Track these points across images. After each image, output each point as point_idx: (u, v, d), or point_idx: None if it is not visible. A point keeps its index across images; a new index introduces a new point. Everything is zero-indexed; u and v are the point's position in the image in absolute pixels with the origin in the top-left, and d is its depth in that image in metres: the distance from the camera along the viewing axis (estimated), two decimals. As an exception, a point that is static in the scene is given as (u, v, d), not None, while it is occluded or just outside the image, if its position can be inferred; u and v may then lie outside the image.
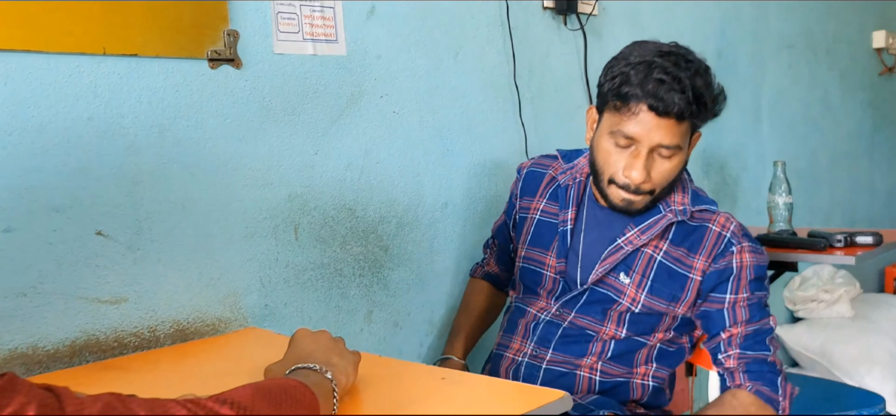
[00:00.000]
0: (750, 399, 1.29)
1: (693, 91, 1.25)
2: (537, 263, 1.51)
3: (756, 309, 1.34)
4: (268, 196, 1.50)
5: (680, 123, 1.27)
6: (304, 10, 1.55)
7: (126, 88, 1.30)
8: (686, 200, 1.39)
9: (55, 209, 1.22)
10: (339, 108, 1.61)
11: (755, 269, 1.35)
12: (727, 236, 1.36)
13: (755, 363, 1.32)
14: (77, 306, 1.25)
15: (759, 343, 1.33)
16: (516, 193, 1.61)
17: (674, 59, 1.27)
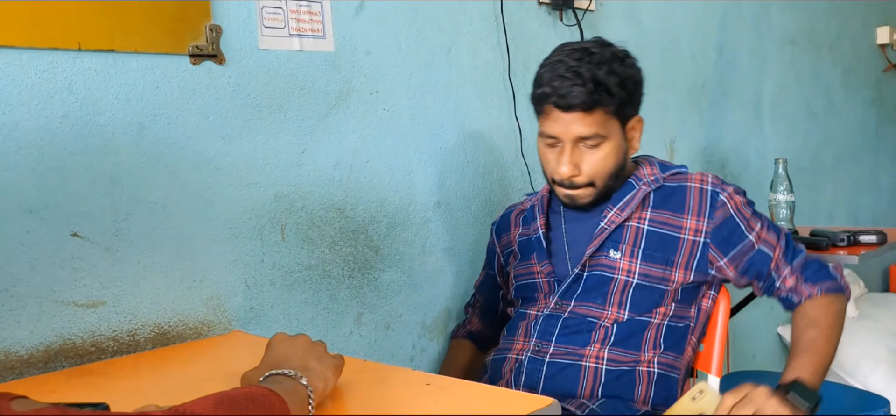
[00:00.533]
0: (825, 301, 1.35)
1: (593, 81, 1.31)
2: (527, 274, 1.53)
3: (772, 229, 1.42)
4: (253, 196, 1.46)
5: (589, 114, 1.33)
6: (291, 4, 1.51)
7: (103, 85, 1.26)
8: (656, 171, 1.44)
9: (29, 210, 1.18)
10: (328, 105, 1.57)
11: (748, 204, 1.42)
12: (710, 190, 1.40)
13: (806, 268, 1.39)
14: (52, 309, 1.21)
15: (796, 251, 1.41)
16: (494, 240, 1.66)
17: (578, 55, 1.34)
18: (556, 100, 1.34)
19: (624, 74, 1.36)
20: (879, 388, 2.70)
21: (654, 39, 2.41)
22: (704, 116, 2.63)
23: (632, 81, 1.38)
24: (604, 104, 1.34)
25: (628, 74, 1.37)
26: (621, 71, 1.36)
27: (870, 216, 3.58)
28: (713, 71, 2.66)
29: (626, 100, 1.37)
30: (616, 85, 1.34)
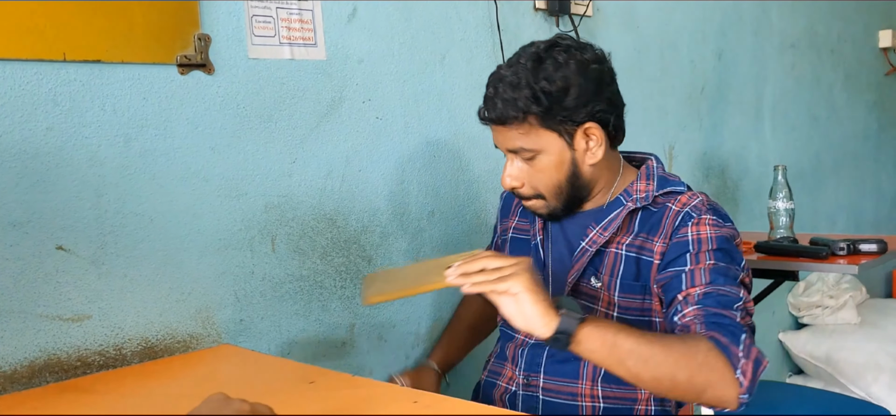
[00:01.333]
0: (705, 348, 1.09)
1: (502, 99, 1.24)
2: None
3: (720, 275, 1.18)
4: (242, 207, 1.44)
5: (512, 127, 1.26)
6: (281, 12, 1.50)
7: (88, 96, 1.24)
8: (650, 187, 1.31)
9: (12, 224, 1.17)
10: (319, 114, 1.55)
11: (718, 240, 1.21)
12: (685, 212, 1.26)
13: (716, 317, 1.13)
14: (37, 324, 1.19)
15: (722, 303, 1.15)
16: (498, 217, 1.58)
17: (507, 66, 1.28)
18: (481, 119, 1.30)
19: (544, 85, 1.22)
20: (882, 396, 2.68)
21: (653, 44, 2.39)
22: (704, 122, 2.61)
23: (556, 88, 1.22)
24: (518, 119, 1.24)
25: (553, 81, 1.22)
26: (540, 84, 1.22)
27: (872, 221, 3.55)
28: (712, 76, 2.64)
29: (548, 109, 1.22)
30: (529, 100, 1.22)
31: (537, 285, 1.06)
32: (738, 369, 1.07)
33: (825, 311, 3.00)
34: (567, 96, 1.23)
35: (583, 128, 1.26)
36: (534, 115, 1.23)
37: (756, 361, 1.09)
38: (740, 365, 1.07)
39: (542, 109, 1.23)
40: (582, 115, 1.25)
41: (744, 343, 1.09)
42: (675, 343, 1.08)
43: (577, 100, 1.23)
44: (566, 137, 1.26)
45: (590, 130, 1.26)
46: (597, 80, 1.26)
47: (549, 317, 1.05)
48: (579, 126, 1.26)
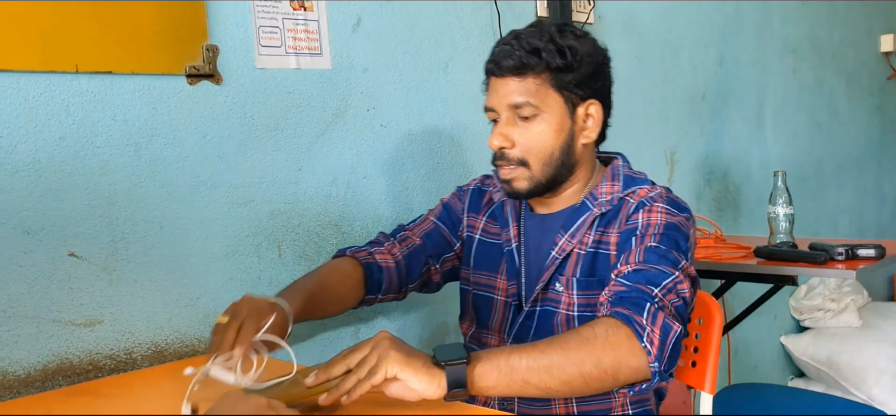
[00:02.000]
0: (606, 323, 1.06)
1: (527, 46, 1.24)
2: (487, 287, 1.41)
3: (653, 254, 1.16)
4: (249, 214, 1.47)
5: (523, 78, 1.25)
6: (288, 23, 1.53)
7: (100, 107, 1.27)
8: (616, 188, 1.31)
9: (26, 232, 1.20)
10: (325, 122, 1.58)
11: (665, 225, 1.20)
12: (640, 201, 1.26)
13: (630, 292, 1.10)
14: (50, 329, 1.23)
15: (647, 279, 1.12)
16: (463, 207, 1.49)
17: (527, 27, 1.29)
18: (492, 67, 1.28)
19: (567, 44, 1.24)
20: (883, 399, 2.70)
21: (654, 50, 2.41)
22: (705, 127, 2.63)
23: (575, 53, 1.25)
24: (535, 70, 1.24)
25: (573, 46, 1.25)
26: (563, 42, 1.25)
27: (874, 225, 3.57)
28: (714, 81, 2.66)
29: (564, 69, 1.24)
30: (553, 52, 1.23)
31: (407, 355, 0.98)
32: (643, 338, 1.04)
33: (827, 314, 3.01)
34: (582, 66, 1.26)
35: (586, 103, 1.28)
36: (550, 71, 1.24)
37: (664, 327, 1.05)
38: (645, 334, 1.04)
39: (562, 64, 1.24)
40: (589, 90, 1.28)
41: (648, 311, 1.06)
42: (572, 338, 1.04)
43: (588, 74, 1.27)
44: (570, 106, 1.27)
45: (591, 107, 1.29)
46: (604, 63, 1.32)
47: (435, 379, 0.98)
48: (583, 101, 1.28)
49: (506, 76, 1.26)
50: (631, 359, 1.03)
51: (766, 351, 3.00)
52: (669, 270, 1.14)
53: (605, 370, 1.03)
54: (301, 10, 1.55)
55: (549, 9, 2.06)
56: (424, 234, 1.47)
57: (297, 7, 1.54)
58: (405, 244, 1.46)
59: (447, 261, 1.49)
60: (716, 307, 1.47)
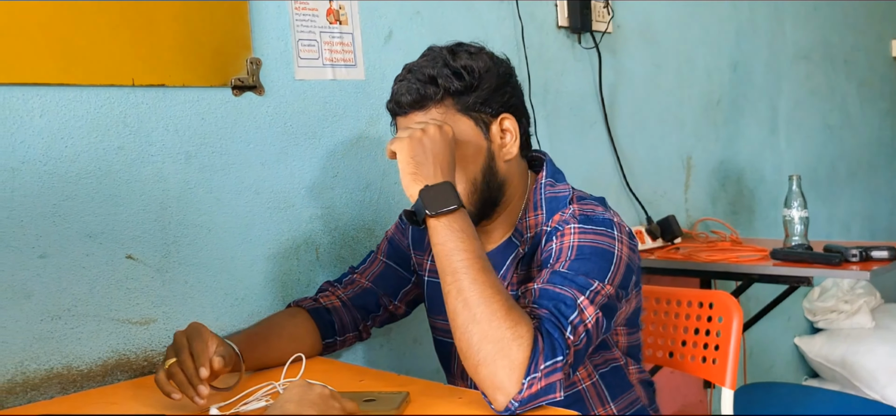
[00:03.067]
0: (523, 332, 1.01)
1: (422, 77, 1.21)
2: (444, 332, 1.36)
3: (559, 277, 1.11)
4: (289, 218, 1.55)
5: (426, 111, 1.21)
6: (324, 36, 1.60)
7: (154, 118, 1.35)
8: (540, 218, 1.26)
9: (88, 235, 1.28)
10: (358, 130, 1.66)
11: (579, 249, 1.14)
12: (553, 229, 1.20)
13: (550, 323, 1.05)
14: (109, 327, 1.31)
15: (540, 303, 1.08)
16: (408, 242, 1.45)
17: (418, 59, 1.25)
18: (393, 107, 1.25)
19: (461, 64, 1.21)
20: (896, 399, 2.74)
21: (670, 58, 2.48)
22: (720, 132, 2.69)
23: (472, 72, 1.21)
24: (435, 99, 1.20)
25: (469, 65, 1.21)
26: (458, 63, 1.21)
27: (886, 228, 3.61)
28: (728, 87, 2.72)
29: (465, 91, 1.20)
30: (449, 76, 1.20)
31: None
32: (526, 378, 0.99)
33: (840, 316, 3.06)
34: (483, 82, 1.21)
35: (499, 119, 1.23)
36: (451, 96, 1.20)
37: (547, 388, 1.00)
38: (527, 380, 0.99)
39: (462, 86, 1.20)
40: (497, 104, 1.23)
41: (549, 364, 1.01)
42: (500, 299, 1.03)
43: (494, 88, 1.22)
44: (482, 127, 1.22)
45: (505, 122, 1.24)
46: (508, 74, 1.27)
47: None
48: (495, 117, 1.23)
49: (409, 113, 1.22)
50: (502, 373, 0.99)
51: (781, 352, 3.06)
52: (573, 294, 1.09)
53: (478, 348, 1.01)
54: (336, 24, 1.62)
55: (569, 19, 2.13)
56: (375, 277, 1.46)
57: (332, 21, 1.62)
58: (351, 287, 1.45)
59: (407, 293, 1.48)
60: (735, 305, 1.53)
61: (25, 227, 1.21)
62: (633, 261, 1.22)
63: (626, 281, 1.19)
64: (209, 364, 1.08)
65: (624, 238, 1.20)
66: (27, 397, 1.22)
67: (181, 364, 1.08)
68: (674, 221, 2.30)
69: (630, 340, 1.34)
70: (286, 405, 0.90)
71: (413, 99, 1.21)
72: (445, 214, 1.09)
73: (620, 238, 1.19)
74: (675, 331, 1.64)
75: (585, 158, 2.20)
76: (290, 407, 0.90)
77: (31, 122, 1.22)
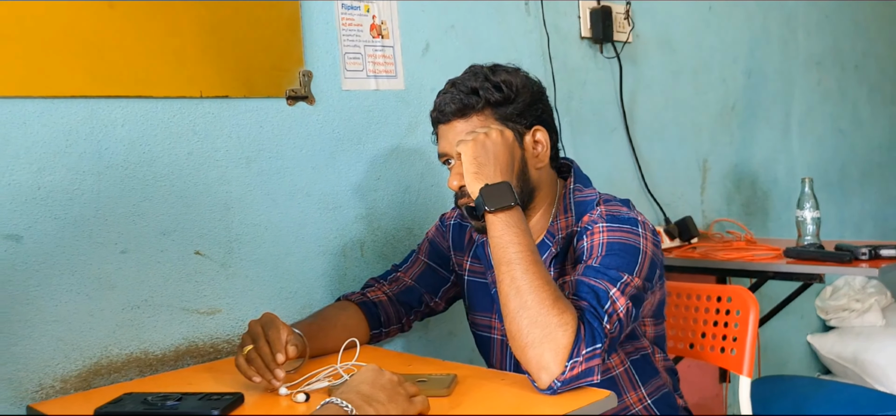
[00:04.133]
0: (568, 319, 1.13)
1: (465, 89, 1.33)
2: (484, 327, 1.50)
3: (592, 271, 1.23)
4: (337, 218, 1.67)
5: (467, 119, 1.33)
6: (368, 49, 1.73)
7: (219, 126, 1.48)
8: (570, 221, 1.38)
9: (162, 233, 1.41)
10: (399, 136, 1.78)
11: (607, 245, 1.27)
12: (583, 229, 1.32)
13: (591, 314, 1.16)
14: (180, 316, 1.43)
15: (579, 295, 1.20)
16: (448, 244, 1.57)
17: (461, 75, 1.37)
18: (437, 115, 1.37)
19: (501, 79, 1.34)
20: (906, 394, 2.83)
21: (687, 66, 2.59)
22: (735, 136, 2.80)
23: (510, 86, 1.34)
24: (477, 108, 1.32)
25: (508, 80, 1.34)
26: (497, 78, 1.34)
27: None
28: (743, 93, 2.83)
29: (504, 102, 1.33)
30: (490, 88, 1.33)
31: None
32: (569, 362, 1.10)
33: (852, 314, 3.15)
34: (519, 97, 1.34)
35: (532, 131, 1.35)
36: (491, 107, 1.32)
37: (586, 372, 1.11)
38: (570, 363, 1.10)
39: (500, 98, 1.32)
40: (531, 117, 1.35)
41: (590, 351, 1.12)
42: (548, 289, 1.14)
43: (528, 103, 1.35)
44: (517, 137, 1.33)
45: (537, 133, 1.36)
46: (541, 92, 1.40)
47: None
48: (528, 129, 1.35)
49: (451, 121, 1.34)
50: (548, 355, 1.11)
51: (794, 350, 3.15)
52: (605, 286, 1.20)
53: (527, 332, 1.13)
54: (379, 38, 1.75)
55: (591, 30, 2.25)
56: (418, 276, 1.57)
57: (376, 35, 1.75)
58: (396, 284, 1.56)
59: (447, 291, 1.59)
60: (751, 298, 1.65)
61: (109, 224, 1.35)
62: (657, 256, 1.34)
63: (651, 274, 1.31)
64: (285, 351, 1.21)
65: (648, 235, 1.32)
66: (110, 379, 1.35)
67: (259, 351, 1.21)
68: (690, 221, 2.41)
69: (656, 330, 1.47)
70: (360, 386, 1.02)
71: (456, 108, 1.34)
72: (503, 209, 1.21)
73: (645, 235, 1.31)
74: (694, 324, 1.76)
75: (606, 162, 2.32)
76: (365, 388, 1.01)
77: (114, 131, 1.35)
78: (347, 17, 1.69)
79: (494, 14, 1.99)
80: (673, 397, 1.51)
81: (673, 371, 1.54)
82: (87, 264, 1.32)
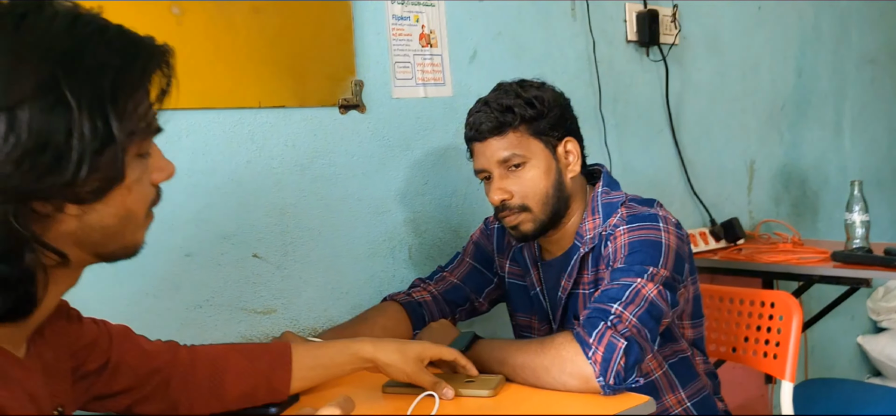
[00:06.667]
0: (562, 338, 1.23)
1: (497, 106, 1.40)
2: (526, 328, 1.58)
3: (618, 272, 1.31)
4: (386, 222, 1.74)
5: (503, 136, 1.40)
6: (417, 58, 1.79)
7: (275, 135, 1.56)
8: (597, 222, 1.43)
9: (223, 237, 1.49)
10: (446, 142, 1.84)
11: (630, 245, 1.34)
12: (607, 233, 1.39)
13: (590, 313, 1.25)
14: (239, 315, 1.52)
15: (604, 298, 1.26)
16: (492, 247, 1.64)
17: (491, 93, 1.45)
18: (473, 133, 1.43)
19: (531, 95, 1.41)
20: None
21: (735, 66, 2.59)
22: (784, 137, 2.78)
23: (542, 101, 1.41)
24: (512, 125, 1.39)
25: (539, 95, 1.41)
26: (528, 93, 1.41)
27: (952, 230, 3.61)
28: (792, 93, 2.81)
29: (537, 116, 1.40)
30: (523, 105, 1.39)
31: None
32: (589, 356, 1.19)
33: (904, 316, 3.11)
34: (551, 111, 1.42)
35: (563, 142, 1.43)
36: (525, 123, 1.40)
37: (609, 346, 1.19)
38: (591, 354, 1.19)
39: (534, 113, 1.39)
40: (562, 130, 1.43)
41: (598, 332, 1.20)
42: (534, 345, 1.26)
43: (558, 116, 1.43)
44: (550, 148, 1.42)
45: (568, 144, 1.44)
46: (567, 104, 1.47)
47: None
48: (560, 141, 1.43)
49: (488, 139, 1.41)
50: (573, 370, 1.20)
51: (844, 351, 3.12)
52: (630, 280, 1.28)
53: (547, 370, 1.22)
54: (428, 47, 1.81)
55: (638, 34, 2.27)
56: (463, 276, 1.64)
57: (424, 44, 1.80)
58: (442, 283, 1.63)
59: (491, 292, 1.66)
60: (794, 303, 1.66)
61: (175, 230, 1.43)
62: (683, 249, 1.39)
63: (678, 266, 1.35)
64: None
65: (670, 228, 1.36)
66: (175, 374, 1.44)
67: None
68: (736, 223, 2.42)
69: (695, 332, 1.51)
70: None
71: (492, 126, 1.41)
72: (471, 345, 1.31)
73: (666, 228, 1.36)
74: (737, 328, 1.78)
75: (652, 164, 2.34)
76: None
77: (179, 141, 1.44)
78: (398, 28, 1.75)
79: (540, 20, 2.03)
80: (713, 400, 1.54)
81: (713, 374, 1.57)
82: (154, 266, 1.41)
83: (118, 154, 0.73)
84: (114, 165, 0.73)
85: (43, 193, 0.69)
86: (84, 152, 0.70)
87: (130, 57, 0.75)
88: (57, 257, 0.73)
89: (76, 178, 0.70)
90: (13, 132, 0.67)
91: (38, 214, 0.71)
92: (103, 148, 0.71)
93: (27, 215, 0.69)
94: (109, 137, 0.72)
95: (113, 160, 0.73)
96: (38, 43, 0.69)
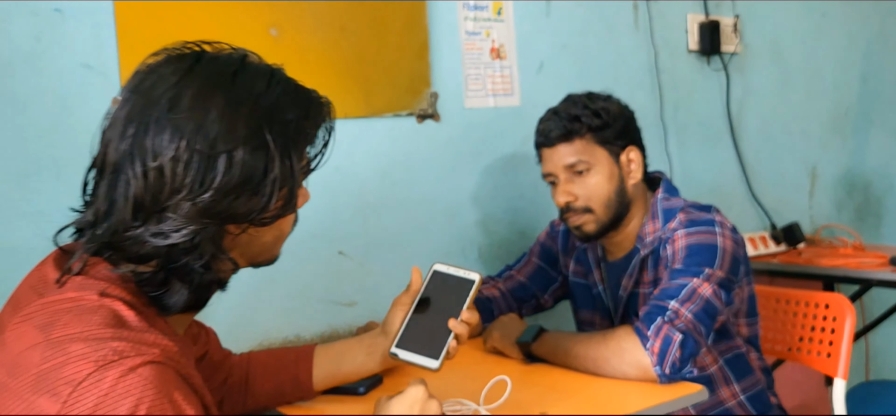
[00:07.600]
0: (622, 331, 1.33)
1: (566, 115, 1.51)
2: (587, 323, 1.69)
3: (677, 274, 1.39)
4: (457, 224, 1.87)
5: (570, 143, 1.50)
6: (488, 70, 1.92)
7: (360, 143, 1.71)
8: (657, 226, 1.53)
9: (312, 235, 1.65)
10: (514, 149, 1.96)
11: (686, 248, 1.43)
12: (665, 238, 1.48)
13: (648, 310, 1.35)
14: (325, 307, 1.68)
15: (663, 295, 1.36)
16: (558, 248, 1.75)
17: (560, 103, 1.54)
18: (542, 140, 1.54)
19: (599, 106, 1.51)
20: None
21: (798, 74, 2.63)
22: (847, 142, 2.80)
23: (608, 112, 1.51)
24: (579, 133, 1.50)
25: (605, 107, 1.51)
26: (595, 105, 1.51)
27: None
28: (857, 99, 2.83)
29: (602, 127, 1.50)
30: (590, 115, 1.49)
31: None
32: (647, 347, 1.29)
33: (973, 322, 3.08)
34: (616, 122, 1.52)
35: (626, 151, 1.53)
36: (592, 131, 1.50)
37: (665, 339, 1.29)
38: (649, 345, 1.29)
39: (600, 123, 1.50)
40: (626, 140, 1.53)
41: (656, 325, 1.31)
42: (595, 337, 1.36)
43: (622, 127, 1.53)
44: (614, 156, 1.52)
45: (631, 153, 1.54)
46: (631, 116, 1.58)
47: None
48: (623, 149, 1.53)
49: (556, 145, 1.52)
50: (632, 359, 1.30)
51: (908, 355, 3.12)
52: (687, 280, 1.38)
53: (607, 360, 1.32)
54: (498, 60, 1.93)
55: (699, 44, 2.34)
56: (530, 275, 1.76)
57: (494, 57, 1.93)
58: (510, 281, 1.75)
59: (555, 290, 1.77)
60: (847, 305, 1.72)
61: (271, 229, 1.60)
62: (738, 252, 1.48)
63: (734, 268, 1.45)
64: None
65: (726, 232, 1.46)
66: (270, 357, 1.61)
67: None
68: (796, 227, 2.47)
69: (750, 330, 1.60)
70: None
71: (560, 133, 1.52)
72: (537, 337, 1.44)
73: (722, 232, 1.45)
74: (793, 328, 1.85)
75: (712, 169, 2.41)
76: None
77: (276, 149, 1.60)
78: (470, 43, 1.88)
79: (604, 32, 2.13)
80: (767, 395, 1.62)
81: (768, 371, 1.66)
82: (253, 261, 1.58)
83: (294, 189, 0.90)
84: (290, 197, 0.90)
85: (239, 217, 0.85)
86: (274, 188, 0.85)
87: (306, 109, 0.92)
88: (232, 265, 0.89)
89: (267, 208, 0.86)
90: (230, 171, 0.82)
91: (230, 233, 0.87)
92: (285, 184, 0.87)
93: (222, 233, 0.86)
94: (291, 176, 0.88)
95: (290, 194, 0.89)
96: (246, 97, 0.85)
